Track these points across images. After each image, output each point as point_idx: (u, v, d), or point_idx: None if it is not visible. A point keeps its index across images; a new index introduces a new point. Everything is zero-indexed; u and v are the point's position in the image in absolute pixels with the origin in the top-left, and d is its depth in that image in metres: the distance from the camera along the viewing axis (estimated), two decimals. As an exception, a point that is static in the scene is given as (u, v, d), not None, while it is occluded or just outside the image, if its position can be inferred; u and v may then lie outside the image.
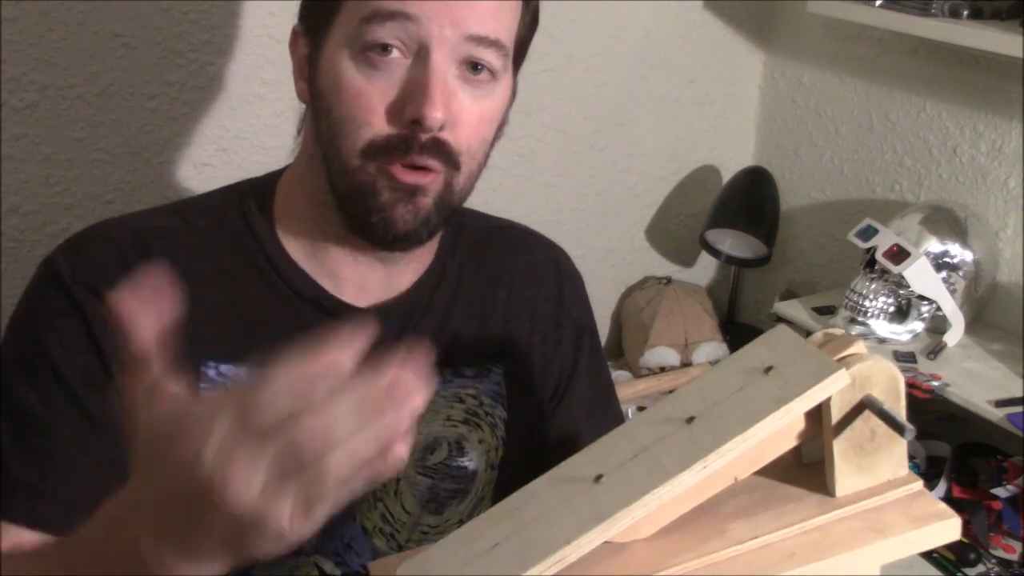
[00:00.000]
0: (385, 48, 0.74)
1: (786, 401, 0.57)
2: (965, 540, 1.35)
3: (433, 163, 0.76)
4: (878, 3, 1.53)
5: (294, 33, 0.83)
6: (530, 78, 0.97)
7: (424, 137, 0.74)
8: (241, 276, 0.83)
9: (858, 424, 0.60)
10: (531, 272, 0.96)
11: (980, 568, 1.34)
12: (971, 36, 1.41)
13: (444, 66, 0.74)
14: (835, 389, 0.58)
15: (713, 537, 0.59)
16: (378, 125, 0.75)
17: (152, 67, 1.33)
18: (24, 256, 1.31)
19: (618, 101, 1.80)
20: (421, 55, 0.74)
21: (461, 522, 0.89)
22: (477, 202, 0.98)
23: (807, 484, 0.63)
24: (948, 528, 0.61)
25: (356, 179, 0.77)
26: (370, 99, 0.75)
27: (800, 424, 0.60)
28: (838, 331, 0.64)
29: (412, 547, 0.87)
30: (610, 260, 1.93)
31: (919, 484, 0.63)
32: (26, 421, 0.78)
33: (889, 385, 0.60)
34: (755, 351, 0.62)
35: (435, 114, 0.73)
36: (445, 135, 0.76)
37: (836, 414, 0.59)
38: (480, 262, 0.93)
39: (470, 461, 0.89)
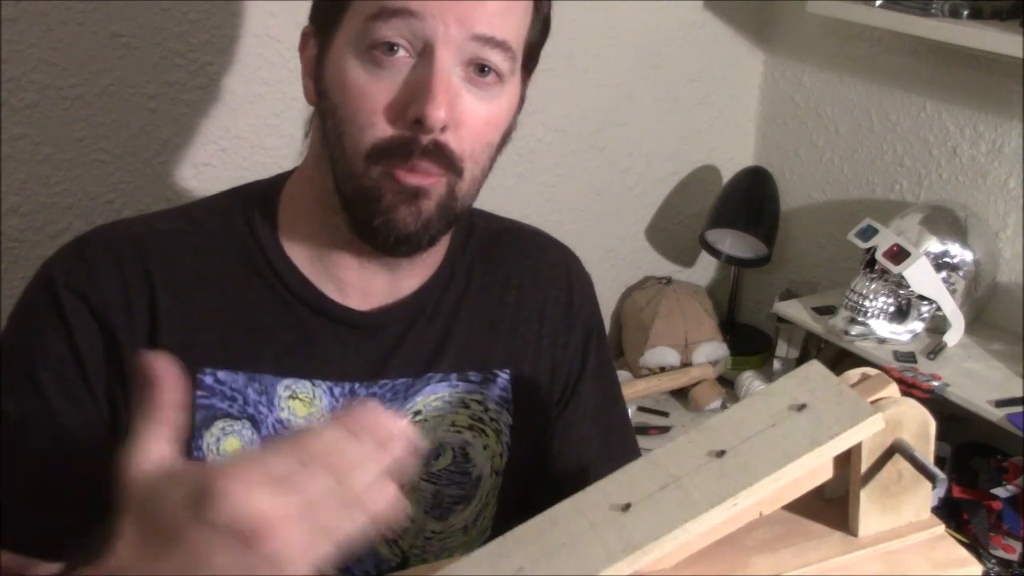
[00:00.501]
0: (391, 48, 0.73)
1: (820, 443, 0.57)
2: (965, 540, 1.35)
3: (434, 168, 0.75)
4: (878, 3, 1.53)
5: (304, 35, 0.83)
6: (530, 78, 0.97)
7: (425, 140, 0.73)
8: (242, 279, 0.83)
9: (886, 466, 0.60)
10: (541, 275, 0.95)
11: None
12: (971, 36, 1.41)
13: (449, 66, 0.73)
14: (869, 433, 0.58)
15: (735, 572, 0.59)
16: (381, 126, 0.74)
17: (152, 67, 1.33)
18: (24, 256, 1.31)
19: (618, 101, 1.80)
20: (425, 54, 0.73)
21: (465, 528, 0.89)
22: (477, 202, 0.98)
23: (829, 520, 0.63)
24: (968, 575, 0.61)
25: (360, 183, 0.76)
26: (374, 99, 0.74)
27: (829, 464, 0.60)
28: (873, 371, 0.63)
29: (416, 553, 0.87)
30: (610, 260, 1.93)
31: (941, 528, 0.63)
32: (5, 434, 0.78)
33: (920, 429, 0.60)
34: (788, 387, 0.62)
35: (437, 113, 0.72)
36: (447, 138, 0.74)
37: (867, 457, 0.59)
38: (489, 264, 0.93)
39: (474, 467, 0.88)
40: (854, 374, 0.63)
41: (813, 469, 0.58)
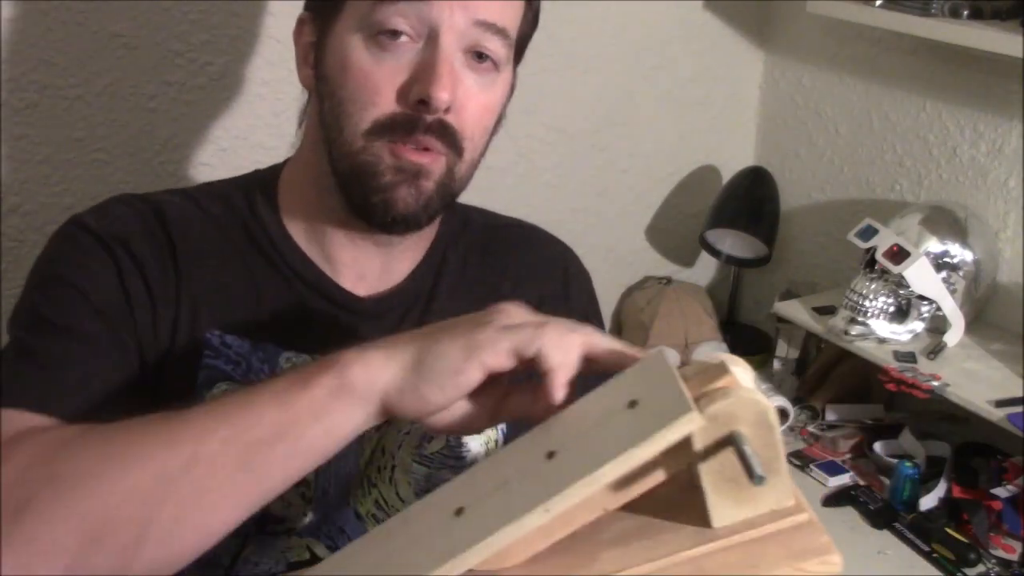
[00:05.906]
0: (396, 33, 0.76)
1: (633, 445, 0.54)
2: (965, 540, 1.35)
3: (437, 144, 0.77)
4: (878, 3, 1.53)
5: (300, 22, 0.85)
6: (530, 78, 0.97)
7: (430, 118, 0.76)
8: (247, 258, 0.86)
9: (729, 458, 0.57)
10: (537, 269, 0.96)
11: (980, 568, 1.34)
12: (971, 36, 1.41)
13: (452, 50, 0.76)
14: (683, 433, 0.55)
15: (580, 566, 0.57)
16: (383, 105, 0.76)
17: (152, 67, 1.33)
18: (24, 256, 1.31)
19: (618, 101, 1.80)
20: (431, 38, 0.76)
21: None
22: (477, 202, 0.98)
23: (693, 511, 0.60)
24: (827, 564, 0.57)
25: (359, 159, 0.78)
26: (378, 80, 0.76)
27: (664, 459, 0.57)
28: (718, 357, 0.61)
29: None
30: (610, 260, 1.93)
31: (805, 515, 0.59)
32: (47, 329, 0.77)
33: (759, 419, 0.57)
34: (629, 379, 0.61)
35: (442, 95, 0.75)
36: (450, 118, 0.77)
37: (700, 449, 0.57)
38: (485, 257, 0.94)
39: (468, 451, 0.89)
40: (696, 365, 0.61)
41: (648, 463, 0.56)
